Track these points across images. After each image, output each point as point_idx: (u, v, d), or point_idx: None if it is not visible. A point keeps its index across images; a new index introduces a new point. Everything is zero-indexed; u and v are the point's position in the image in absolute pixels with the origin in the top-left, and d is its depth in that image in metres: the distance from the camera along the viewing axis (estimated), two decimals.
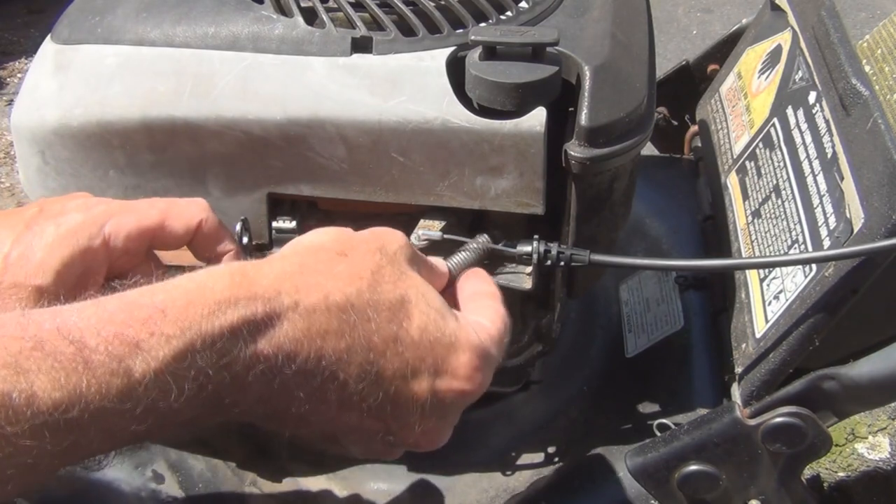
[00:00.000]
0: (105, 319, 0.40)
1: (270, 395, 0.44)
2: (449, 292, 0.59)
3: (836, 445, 1.49)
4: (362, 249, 0.50)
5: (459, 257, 0.61)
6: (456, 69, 0.60)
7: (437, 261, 0.59)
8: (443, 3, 0.64)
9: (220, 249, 0.58)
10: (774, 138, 0.77)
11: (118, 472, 0.73)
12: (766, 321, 0.66)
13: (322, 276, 0.47)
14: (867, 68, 0.80)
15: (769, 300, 0.67)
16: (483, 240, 0.63)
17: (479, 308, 0.56)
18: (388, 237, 0.53)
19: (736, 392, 0.66)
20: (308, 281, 0.46)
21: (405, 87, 0.60)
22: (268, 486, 0.76)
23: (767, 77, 0.85)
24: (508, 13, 0.66)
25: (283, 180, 0.63)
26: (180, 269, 0.67)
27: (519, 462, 0.77)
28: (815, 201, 0.67)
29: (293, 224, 0.65)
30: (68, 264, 0.51)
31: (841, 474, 1.45)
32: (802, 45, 0.79)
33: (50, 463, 0.38)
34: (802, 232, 0.67)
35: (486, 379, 0.52)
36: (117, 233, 0.53)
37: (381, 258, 0.50)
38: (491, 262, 0.65)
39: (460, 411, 0.53)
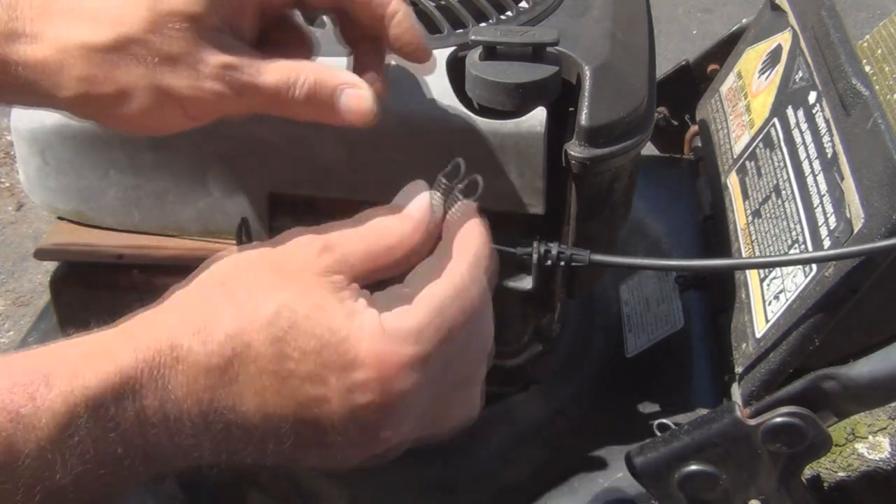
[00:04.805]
0: None
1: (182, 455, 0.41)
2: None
3: (836, 445, 1.49)
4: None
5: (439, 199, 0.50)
6: (456, 69, 0.60)
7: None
8: (443, 3, 0.64)
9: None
10: (774, 138, 0.77)
11: None
12: (766, 321, 0.66)
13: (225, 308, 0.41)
14: (867, 68, 0.80)
15: (769, 300, 0.67)
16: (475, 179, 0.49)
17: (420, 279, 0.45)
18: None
19: (736, 392, 0.66)
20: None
21: (405, 87, 0.60)
22: (268, 486, 0.76)
23: (767, 77, 0.85)
24: (508, 13, 0.66)
25: (283, 180, 0.63)
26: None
27: (519, 462, 0.77)
28: (816, 201, 0.67)
29: (293, 224, 0.65)
30: None
31: (841, 474, 1.45)
32: (802, 45, 0.79)
33: None
34: (802, 232, 0.67)
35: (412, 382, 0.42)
36: None
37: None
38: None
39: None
